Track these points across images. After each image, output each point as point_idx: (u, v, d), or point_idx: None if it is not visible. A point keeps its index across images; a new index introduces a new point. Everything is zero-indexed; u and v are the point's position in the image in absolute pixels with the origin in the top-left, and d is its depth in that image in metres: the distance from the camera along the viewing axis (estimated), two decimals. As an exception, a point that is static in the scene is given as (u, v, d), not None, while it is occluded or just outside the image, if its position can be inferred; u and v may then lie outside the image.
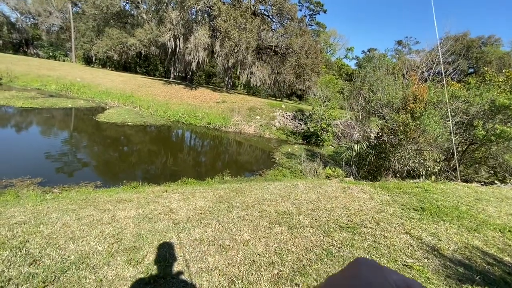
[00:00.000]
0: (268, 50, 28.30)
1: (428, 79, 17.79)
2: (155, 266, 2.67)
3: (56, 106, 16.47)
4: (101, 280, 2.43)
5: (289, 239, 3.37)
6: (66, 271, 2.49)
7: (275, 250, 3.12)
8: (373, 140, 10.48)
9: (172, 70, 38.14)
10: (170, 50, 27.10)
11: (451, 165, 9.31)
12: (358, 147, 9.95)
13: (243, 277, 2.64)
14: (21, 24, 50.36)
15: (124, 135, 13.51)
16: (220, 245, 3.14)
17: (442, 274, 2.82)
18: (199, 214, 4.03)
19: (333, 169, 9.72)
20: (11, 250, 2.71)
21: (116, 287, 2.37)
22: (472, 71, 43.64)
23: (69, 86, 22.89)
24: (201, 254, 2.95)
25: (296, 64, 26.19)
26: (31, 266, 2.52)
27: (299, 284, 2.57)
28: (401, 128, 8.59)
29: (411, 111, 8.93)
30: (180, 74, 39.19)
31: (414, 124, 8.36)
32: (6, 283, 2.26)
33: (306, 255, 3.05)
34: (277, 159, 12.80)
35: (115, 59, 37.69)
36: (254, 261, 2.89)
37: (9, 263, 2.51)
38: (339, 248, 3.22)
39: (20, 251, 2.72)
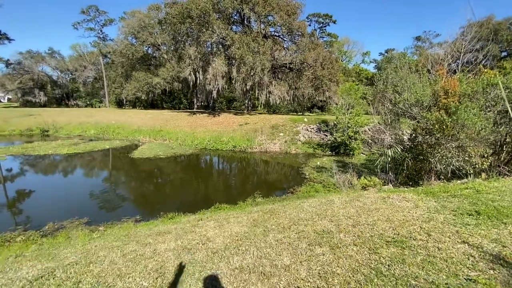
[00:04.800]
0: (283, 68, 28.84)
1: (457, 70, 16.70)
2: (199, 299, 2.65)
3: (95, 149, 17.97)
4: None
5: (332, 260, 3.18)
6: (116, 310, 2.56)
7: (319, 273, 2.95)
8: (407, 143, 9.87)
9: (195, 101, 40.27)
10: (191, 83, 28.86)
11: (502, 159, 8.38)
12: (392, 151, 9.41)
13: (289, 306, 2.51)
14: (61, 80, 57.36)
15: (157, 168, 14.20)
16: (261, 272, 3.05)
17: (517, 288, 2.44)
18: (235, 240, 4.00)
19: (369, 178, 9.23)
20: (67, 292, 2.88)
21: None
22: (506, 54, 40.41)
23: (105, 129, 25.11)
24: (243, 283, 2.88)
25: (313, 77, 26.25)
26: (85, 306, 2.63)
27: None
28: (436, 126, 8.02)
29: (444, 107, 8.36)
30: (202, 103, 41.17)
31: (450, 120, 7.77)
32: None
33: (353, 276, 2.84)
34: (307, 174, 12.50)
35: (143, 98, 40.99)
36: (298, 287, 2.75)
37: (65, 305, 2.65)
38: (388, 265, 2.96)
39: (75, 292, 2.87)
